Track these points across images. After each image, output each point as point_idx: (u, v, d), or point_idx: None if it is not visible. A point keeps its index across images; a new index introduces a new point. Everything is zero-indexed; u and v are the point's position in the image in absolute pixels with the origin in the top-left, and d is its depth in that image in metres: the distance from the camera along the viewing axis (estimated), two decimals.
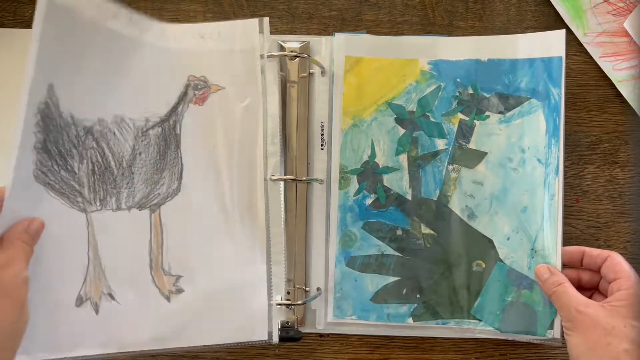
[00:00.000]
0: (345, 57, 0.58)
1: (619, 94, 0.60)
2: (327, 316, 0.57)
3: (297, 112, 0.58)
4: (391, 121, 0.58)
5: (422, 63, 0.58)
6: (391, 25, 0.61)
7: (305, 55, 0.58)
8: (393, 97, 0.58)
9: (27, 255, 0.44)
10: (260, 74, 0.54)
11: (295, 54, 0.57)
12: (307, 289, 0.58)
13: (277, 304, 0.54)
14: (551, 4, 0.61)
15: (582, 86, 0.60)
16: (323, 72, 0.59)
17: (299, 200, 0.57)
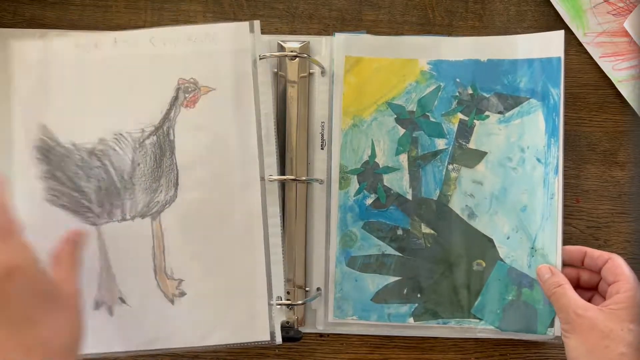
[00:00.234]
0: (345, 57, 0.58)
1: (619, 94, 0.60)
2: (327, 316, 0.57)
3: (297, 112, 0.58)
4: (391, 121, 0.58)
5: (422, 63, 0.58)
6: (391, 25, 0.61)
7: (305, 55, 0.58)
8: (393, 97, 0.58)
9: (78, 267, 0.48)
10: (252, 74, 0.54)
11: (295, 54, 0.57)
12: (307, 289, 0.58)
13: (277, 304, 0.54)
14: (551, 4, 0.61)
15: (582, 86, 0.60)
16: (323, 72, 0.59)
17: (299, 200, 0.57)
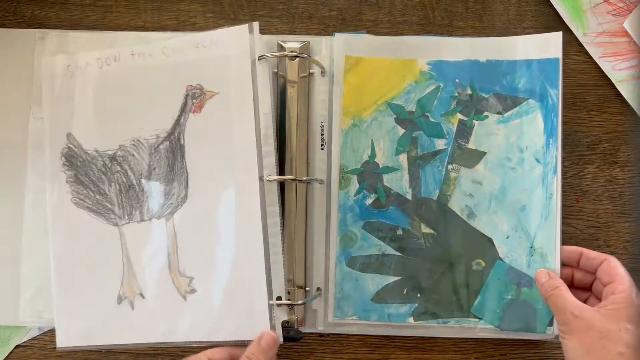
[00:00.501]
0: (345, 57, 0.58)
1: (618, 94, 0.60)
2: (327, 316, 0.57)
3: (297, 112, 0.58)
4: (391, 121, 0.58)
5: (422, 63, 0.58)
6: (391, 25, 0.62)
7: (305, 55, 0.58)
8: (393, 97, 0.58)
9: None
10: (251, 74, 0.55)
11: (295, 54, 0.57)
12: (307, 289, 0.58)
13: (278, 304, 0.54)
14: (551, 4, 0.61)
15: (582, 86, 0.60)
16: (323, 72, 0.59)
17: (299, 200, 0.57)
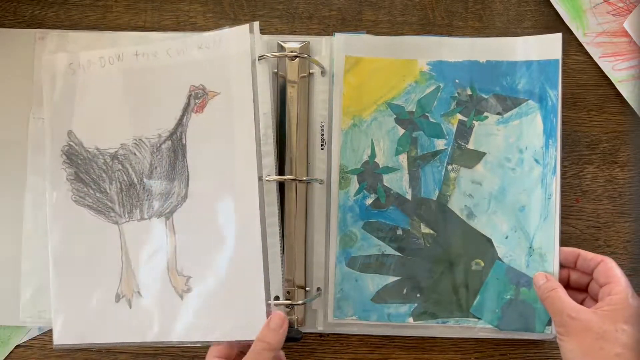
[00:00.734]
0: (345, 57, 0.58)
1: (618, 94, 0.60)
2: (327, 316, 0.57)
3: (297, 112, 0.58)
4: (391, 121, 0.58)
5: (422, 64, 0.58)
6: (391, 25, 0.62)
7: (305, 55, 0.58)
8: (393, 98, 0.58)
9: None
10: (251, 74, 0.55)
11: (295, 54, 0.57)
12: (307, 289, 0.58)
13: (277, 304, 0.54)
14: (551, 4, 0.61)
15: (582, 86, 0.60)
16: (323, 72, 0.59)
17: (299, 200, 0.57)
